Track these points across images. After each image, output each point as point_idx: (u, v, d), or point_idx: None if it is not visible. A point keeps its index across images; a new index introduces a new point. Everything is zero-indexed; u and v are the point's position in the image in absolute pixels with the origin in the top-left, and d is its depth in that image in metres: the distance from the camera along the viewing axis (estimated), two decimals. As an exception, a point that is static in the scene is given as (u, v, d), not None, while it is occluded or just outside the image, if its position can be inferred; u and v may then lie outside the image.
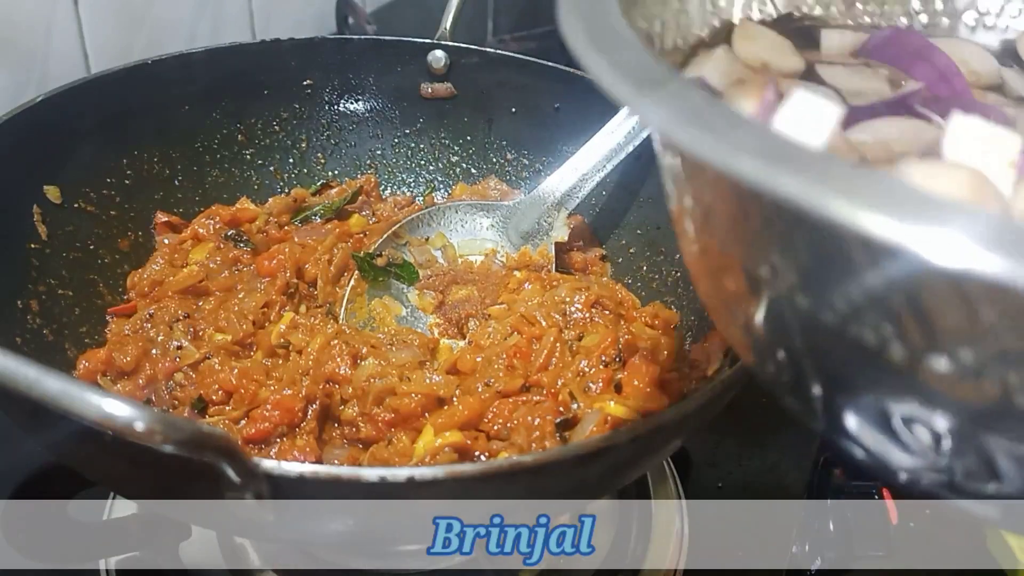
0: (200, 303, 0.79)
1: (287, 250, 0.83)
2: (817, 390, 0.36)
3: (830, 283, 0.30)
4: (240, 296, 0.79)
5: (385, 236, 0.86)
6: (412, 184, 0.98)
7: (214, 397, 0.69)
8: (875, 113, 0.43)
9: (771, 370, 0.38)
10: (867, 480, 0.89)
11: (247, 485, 0.43)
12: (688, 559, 0.77)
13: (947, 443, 0.32)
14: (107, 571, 0.71)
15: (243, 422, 0.66)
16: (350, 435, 0.68)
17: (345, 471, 0.45)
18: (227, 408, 0.68)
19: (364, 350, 0.72)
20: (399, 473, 0.45)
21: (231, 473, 0.42)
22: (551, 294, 0.79)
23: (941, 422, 0.31)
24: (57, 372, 0.39)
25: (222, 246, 0.84)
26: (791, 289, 0.32)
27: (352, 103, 0.96)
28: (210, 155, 0.90)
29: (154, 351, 0.72)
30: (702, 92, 0.28)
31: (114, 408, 0.38)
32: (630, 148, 0.83)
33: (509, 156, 0.96)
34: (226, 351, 0.73)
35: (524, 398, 0.70)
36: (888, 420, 0.33)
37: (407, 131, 0.97)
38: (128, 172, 0.84)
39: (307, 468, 0.44)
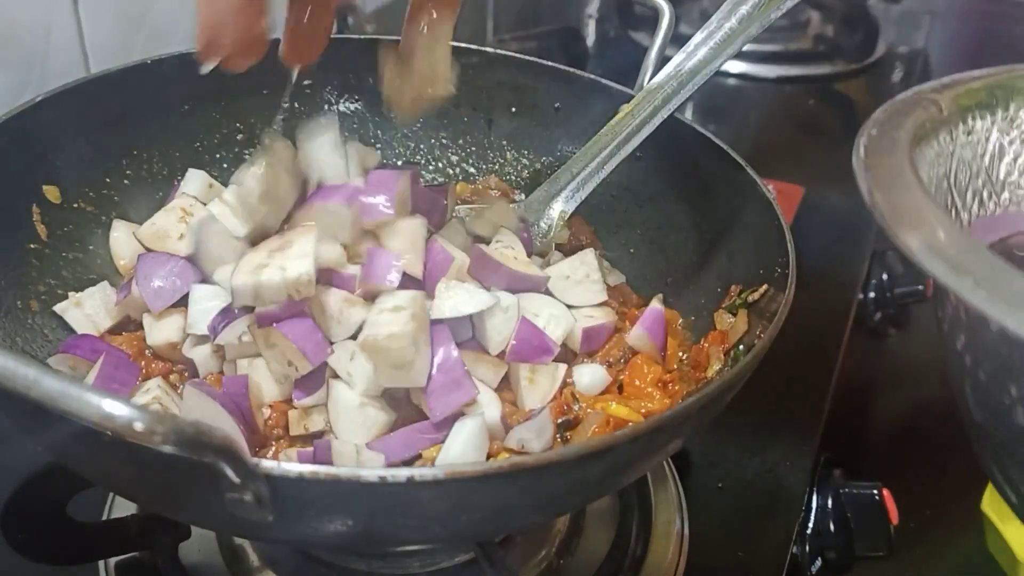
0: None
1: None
2: None
3: None
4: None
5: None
6: (412, 184, 0.98)
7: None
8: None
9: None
10: (867, 480, 0.89)
11: (247, 485, 0.43)
12: (688, 559, 0.77)
13: None
14: (107, 571, 0.71)
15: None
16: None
17: (345, 471, 0.45)
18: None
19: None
20: (399, 473, 0.45)
21: (231, 473, 0.42)
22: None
23: None
24: (56, 372, 0.39)
25: (221, 245, 0.84)
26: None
27: (352, 103, 0.95)
28: (210, 155, 0.89)
29: (148, 351, 0.72)
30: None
31: (113, 408, 0.38)
32: (630, 148, 0.83)
33: (509, 156, 0.96)
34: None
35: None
36: None
37: (407, 131, 0.97)
38: (128, 172, 0.84)
39: (307, 468, 0.44)
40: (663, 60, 0.83)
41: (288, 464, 0.44)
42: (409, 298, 0.65)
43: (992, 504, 0.86)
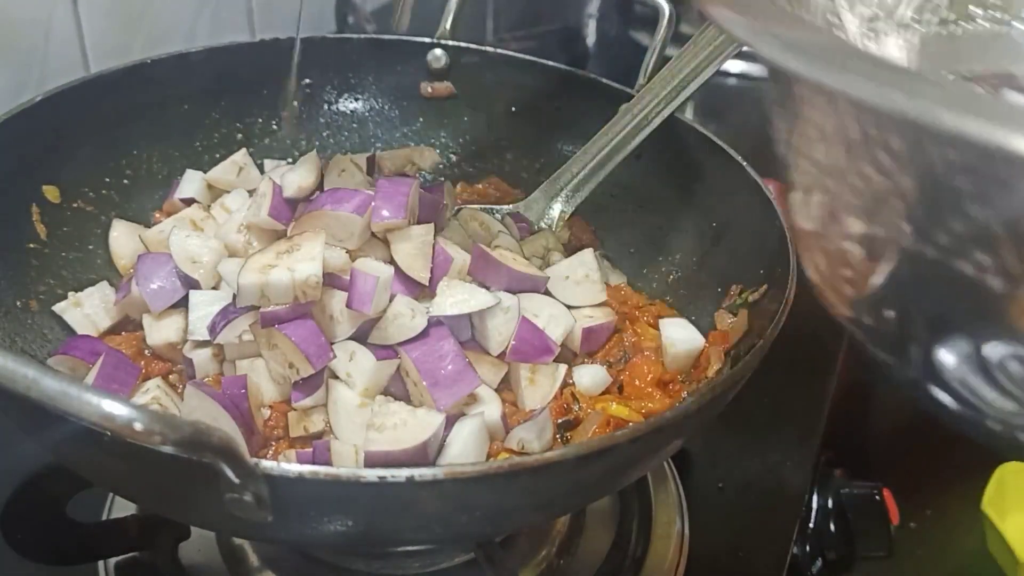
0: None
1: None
2: (916, 334, 0.36)
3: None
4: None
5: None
6: (412, 184, 0.97)
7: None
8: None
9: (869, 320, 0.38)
10: (867, 480, 0.89)
11: (246, 485, 0.43)
12: (688, 559, 0.77)
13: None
14: (106, 571, 0.71)
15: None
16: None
17: (345, 471, 0.45)
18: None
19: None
20: (399, 473, 0.45)
21: (230, 473, 0.42)
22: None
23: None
24: (56, 372, 0.39)
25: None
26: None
27: (352, 102, 0.95)
28: (209, 155, 0.89)
29: (147, 351, 0.72)
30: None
31: (113, 408, 0.38)
32: (630, 148, 0.83)
33: (509, 156, 0.96)
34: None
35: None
36: (985, 359, 0.33)
37: (407, 130, 0.97)
38: (127, 172, 0.84)
39: (306, 468, 0.44)
40: (663, 60, 0.83)
41: (288, 464, 0.44)
42: None
43: (992, 504, 0.86)
